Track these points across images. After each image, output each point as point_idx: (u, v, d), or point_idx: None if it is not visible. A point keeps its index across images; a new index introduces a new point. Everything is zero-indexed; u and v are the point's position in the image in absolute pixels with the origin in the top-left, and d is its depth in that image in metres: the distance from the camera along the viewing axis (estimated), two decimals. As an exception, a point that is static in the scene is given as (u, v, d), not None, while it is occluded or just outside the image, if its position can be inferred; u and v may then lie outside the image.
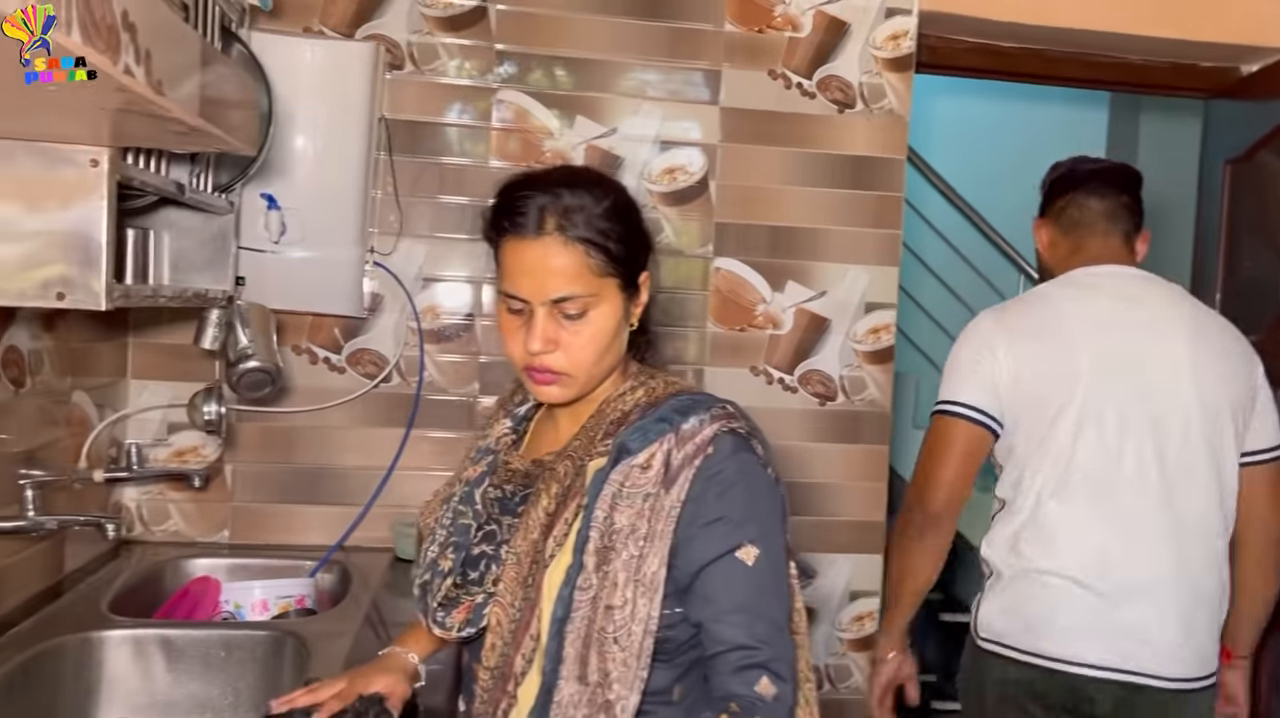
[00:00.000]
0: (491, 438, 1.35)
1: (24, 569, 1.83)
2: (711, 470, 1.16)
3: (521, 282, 1.18)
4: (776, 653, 1.15)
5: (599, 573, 1.13)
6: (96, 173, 1.33)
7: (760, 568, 1.15)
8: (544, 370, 1.20)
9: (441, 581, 1.25)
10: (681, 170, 2.51)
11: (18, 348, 1.77)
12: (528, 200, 1.18)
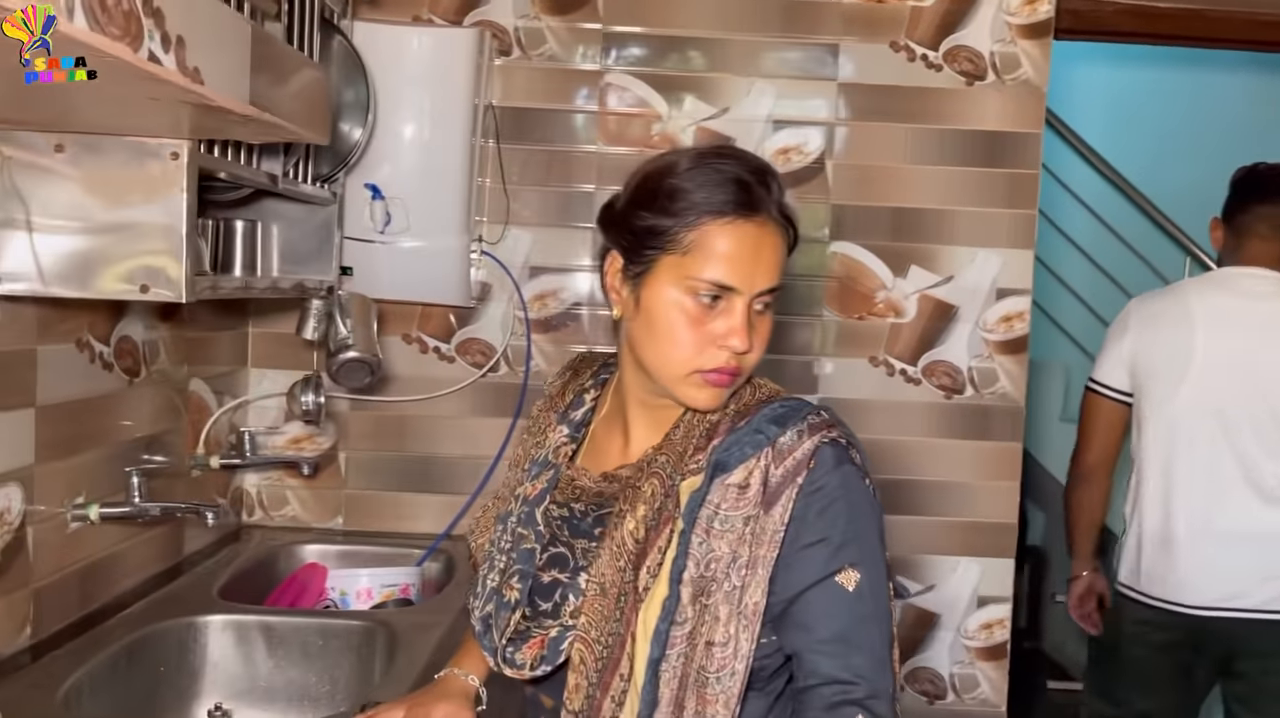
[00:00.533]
0: (548, 448, 1.21)
1: (140, 553, 1.89)
2: (813, 487, 1.05)
3: (735, 268, 1.04)
4: (875, 690, 1.04)
5: (695, 606, 1.03)
6: (176, 165, 1.33)
7: (861, 594, 1.05)
8: (731, 373, 1.07)
9: (509, 614, 1.14)
10: (796, 151, 2.39)
11: (131, 338, 1.82)
12: (757, 174, 1.08)
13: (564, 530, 1.15)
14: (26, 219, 1.35)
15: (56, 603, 1.63)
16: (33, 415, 1.55)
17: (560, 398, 1.27)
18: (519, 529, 1.17)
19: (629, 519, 1.08)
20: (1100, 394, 2.32)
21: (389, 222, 2.11)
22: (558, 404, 1.26)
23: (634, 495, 1.09)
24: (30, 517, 1.56)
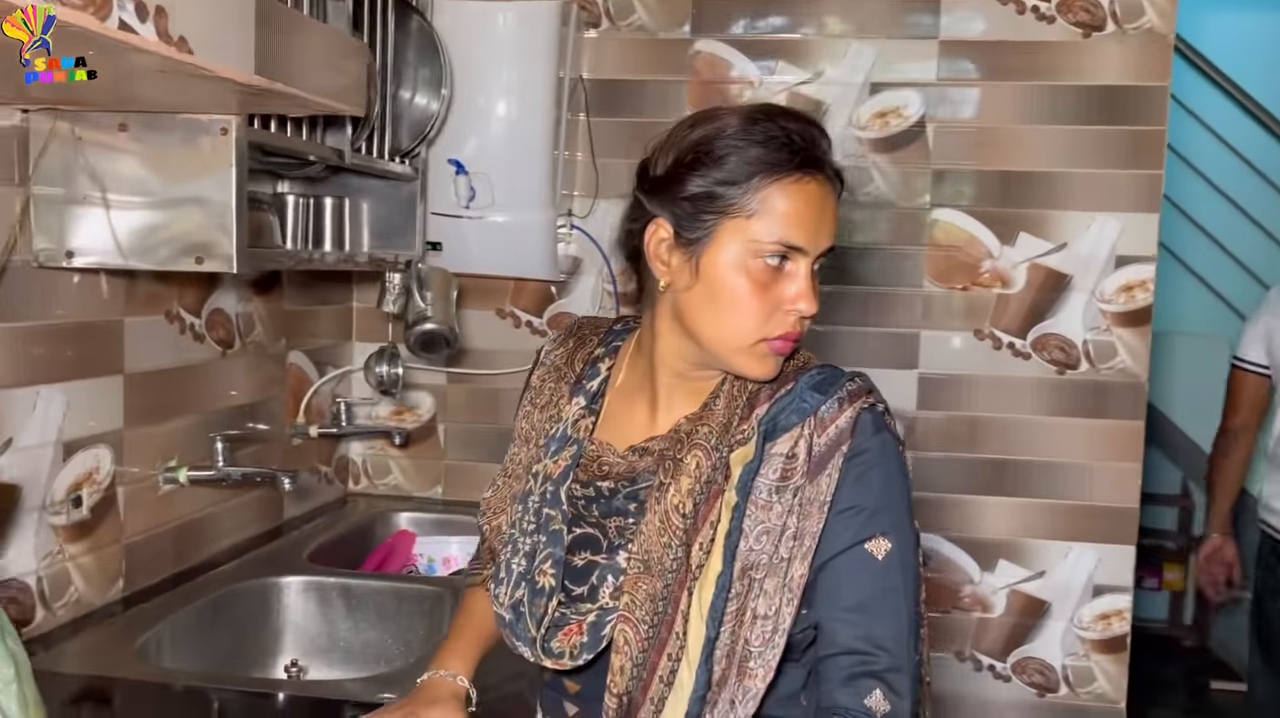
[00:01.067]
0: (565, 422, 1.14)
1: (238, 516, 1.99)
2: (853, 452, 1.01)
3: (799, 227, 1.00)
4: (896, 663, 0.99)
5: (745, 579, 1.00)
6: (225, 140, 1.39)
7: (890, 564, 1.00)
8: (795, 338, 1.03)
9: (545, 601, 1.07)
10: (895, 114, 2.29)
11: (224, 310, 1.92)
12: (811, 132, 1.03)
13: (592, 510, 1.09)
14: (103, 196, 1.43)
15: (148, 559, 1.74)
16: (121, 382, 1.65)
17: (569, 368, 1.20)
18: (546, 510, 1.10)
19: (672, 493, 1.03)
20: (1242, 369, 2.52)
21: (473, 196, 2.14)
22: (567, 375, 1.19)
23: (675, 468, 1.04)
24: (120, 477, 1.66)
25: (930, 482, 2.34)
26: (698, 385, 1.10)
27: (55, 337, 1.50)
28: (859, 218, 2.31)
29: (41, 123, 1.40)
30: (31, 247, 1.43)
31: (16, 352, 1.43)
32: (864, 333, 2.33)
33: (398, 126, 1.95)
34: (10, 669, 1.00)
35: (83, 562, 1.59)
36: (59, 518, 1.53)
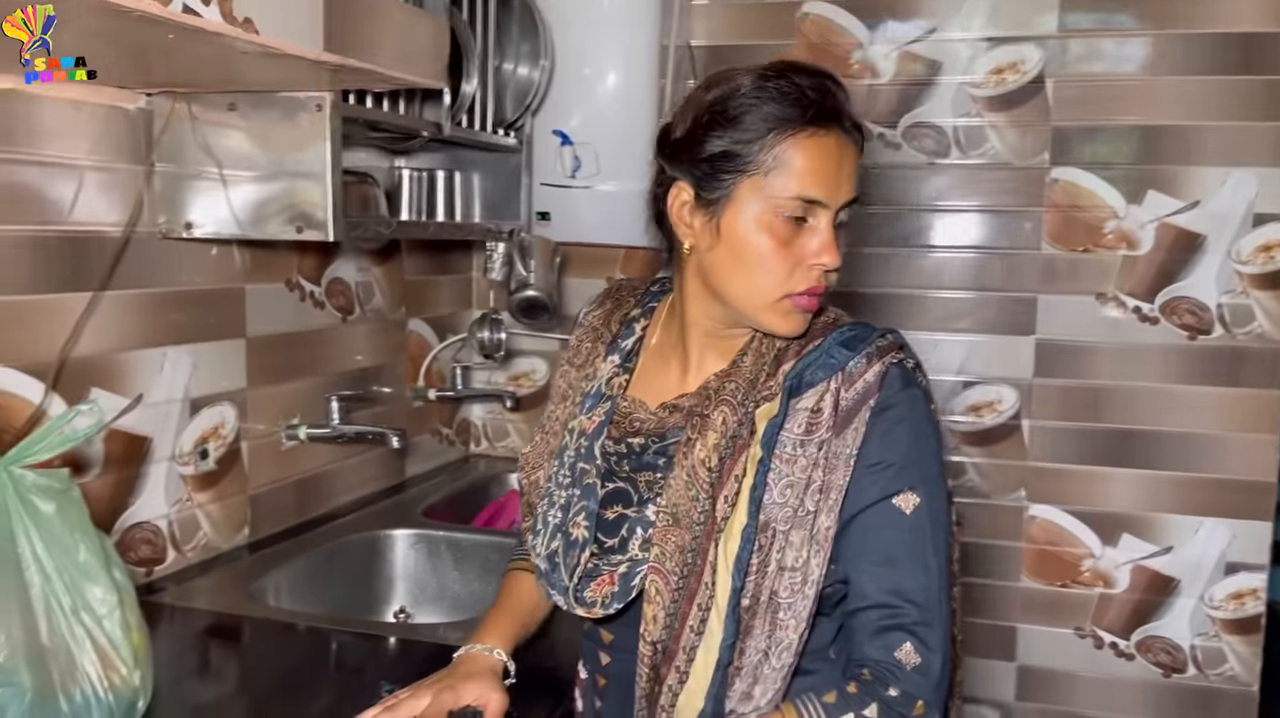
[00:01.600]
0: (600, 380, 1.17)
1: (360, 472, 2.12)
2: (880, 408, 1.02)
3: (821, 181, 1.01)
4: (926, 618, 0.99)
5: (769, 532, 1.01)
6: (320, 116, 1.47)
7: (919, 519, 1.01)
8: (819, 293, 1.04)
9: (579, 552, 1.10)
10: (1012, 69, 2.21)
11: (343, 279, 2.04)
12: (825, 85, 1.03)
13: (623, 465, 1.12)
14: (218, 171, 1.55)
15: (272, 509, 1.88)
16: (243, 345, 1.78)
17: (605, 328, 1.23)
18: (580, 464, 1.13)
19: (699, 448, 1.05)
20: None
21: (579, 166, 2.19)
22: (603, 334, 1.22)
23: (703, 424, 1.06)
24: (245, 433, 1.80)
25: (1047, 451, 2.26)
26: (728, 344, 1.11)
27: (180, 302, 1.64)
28: (972, 179, 2.24)
29: (162, 105, 1.53)
30: (155, 219, 1.56)
31: (144, 316, 1.57)
32: (978, 298, 2.26)
33: (501, 99, 2.02)
34: (114, 597, 1.11)
35: (210, 509, 1.74)
36: (187, 468, 1.68)
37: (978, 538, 2.32)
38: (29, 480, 1.08)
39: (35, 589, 1.05)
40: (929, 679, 0.99)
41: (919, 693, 0.98)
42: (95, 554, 1.10)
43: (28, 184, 1.38)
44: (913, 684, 0.98)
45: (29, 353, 1.38)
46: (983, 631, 2.34)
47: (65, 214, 1.43)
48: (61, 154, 1.42)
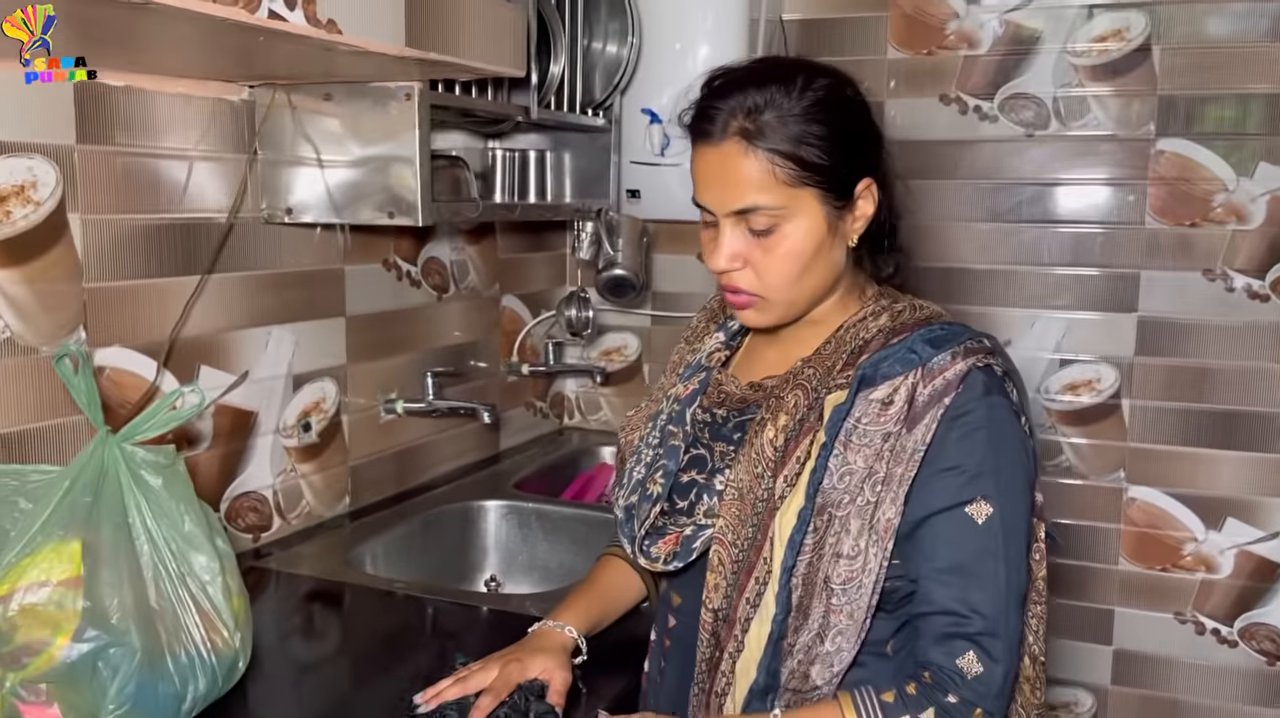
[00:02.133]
0: (703, 353, 1.24)
1: (455, 444, 2.20)
2: (957, 411, 1.02)
3: (705, 192, 1.09)
4: (991, 628, 0.99)
5: (825, 516, 1.03)
6: (410, 105, 1.53)
7: (991, 529, 1.00)
8: (735, 290, 1.10)
9: (650, 507, 1.14)
10: (1116, 37, 2.13)
11: (439, 259, 2.11)
12: (709, 100, 1.08)
13: (705, 433, 1.17)
14: (317, 158, 1.62)
15: (372, 479, 1.97)
16: (343, 324, 1.87)
17: (721, 310, 1.30)
18: (668, 427, 1.18)
19: (769, 428, 1.08)
20: None
21: (667, 144, 2.20)
22: (718, 315, 1.29)
23: (776, 405, 1.10)
24: (345, 407, 1.89)
25: (1148, 432, 2.20)
26: (813, 330, 1.14)
27: (283, 283, 1.72)
28: (1073, 151, 2.17)
29: (263, 96, 1.60)
30: (257, 204, 1.64)
31: (249, 297, 1.66)
32: (1078, 273, 2.20)
33: (590, 79, 2.04)
34: (217, 564, 1.19)
35: (313, 479, 1.83)
36: (291, 441, 1.77)
37: (1075, 519, 2.28)
38: (139, 457, 1.16)
39: (145, 557, 1.14)
40: (989, 689, 0.99)
41: (978, 702, 0.99)
42: (199, 525, 1.18)
43: (144, 174, 1.47)
44: (973, 693, 0.99)
45: (143, 333, 1.48)
46: (1079, 613, 2.30)
47: (177, 202, 1.52)
48: (173, 145, 1.51)
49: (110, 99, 1.41)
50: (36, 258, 1.33)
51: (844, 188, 1.08)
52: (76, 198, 1.37)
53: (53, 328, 1.36)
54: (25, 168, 1.30)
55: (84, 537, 1.10)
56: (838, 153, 1.06)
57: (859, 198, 1.10)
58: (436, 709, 1.13)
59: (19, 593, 1.06)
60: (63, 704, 1.05)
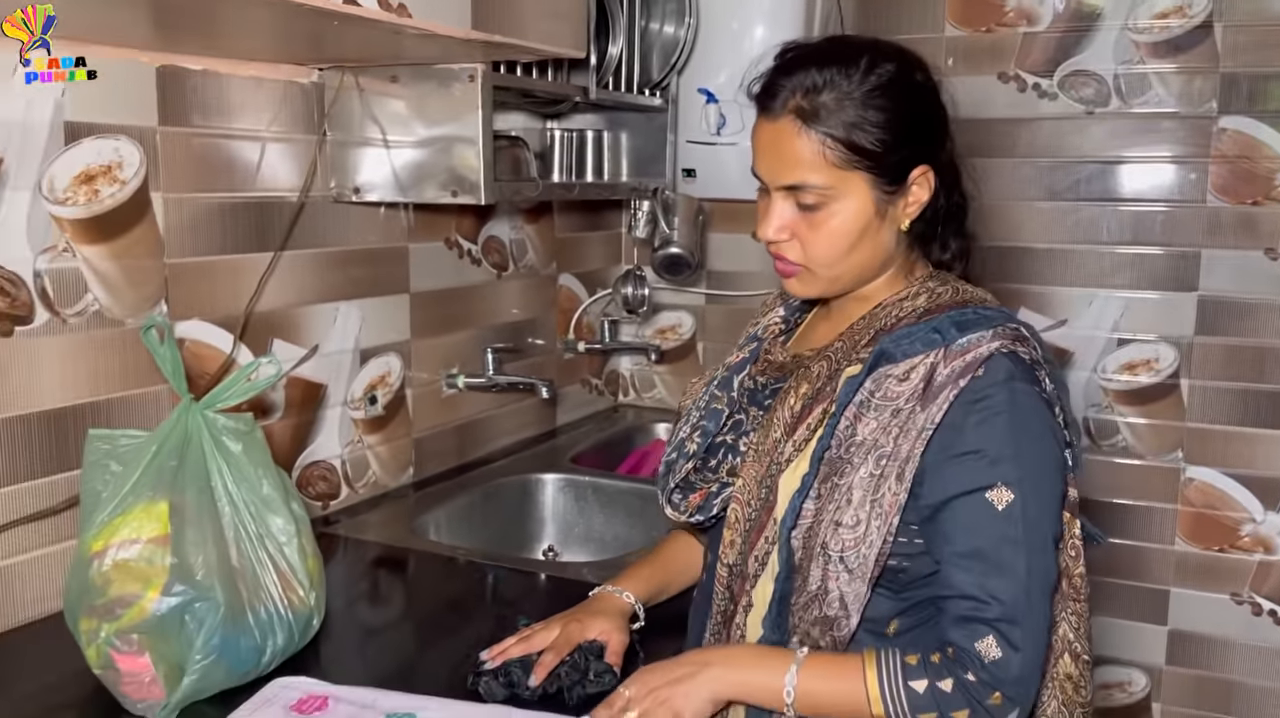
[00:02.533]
0: (760, 326, 1.29)
1: (514, 419, 2.25)
2: (977, 395, 1.01)
3: (760, 163, 1.12)
4: (1011, 615, 0.99)
5: (828, 484, 1.05)
6: (473, 86, 1.57)
7: (1011, 516, 1.00)
8: (781, 259, 1.13)
9: (684, 462, 1.20)
10: (1178, 14, 2.11)
11: (498, 238, 2.15)
12: (774, 75, 1.09)
13: (745, 399, 1.21)
14: (384, 139, 1.67)
15: (434, 451, 2.03)
16: (407, 300, 1.92)
17: None
18: (715, 391, 1.23)
19: (791, 395, 1.11)
20: None
21: (724, 123, 2.22)
22: (785, 295, 1.31)
23: (803, 374, 1.13)
24: (409, 381, 1.95)
25: (1206, 412, 2.18)
26: (861, 307, 1.16)
27: (351, 260, 1.78)
28: (1133, 128, 2.16)
29: (332, 78, 1.65)
30: (326, 184, 1.69)
31: (319, 274, 1.72)
32: (1137, 252, 2.19)
33: (647, 59, 2.07)
34: (293, 527, 1.25)
35: (379, 450, 1.89)
36: (358, 413, 1.83)
37: (1131, 499, 2.27)
38: (220, 423, 1.22)
39: (226, 518, 1.20)
40: (1007, 674, 0.98)
41: (996, 686, 0.98)
42: (276, 489, 1.24)
43: (220, 155, 1.53)
44: (990, 676, 0.98)
45: (220, 308, 1.55)
46: (1134, 593, 2.30)
47: (250, 181, 1.58)
48: (247, 127, 1.57)
49: (188, 82, 1.47)
50: (122, 235, 1.40)
51: (897, 173, 1.09)
52: (159, 177, 1.44)
53: (137, 301, 1.42)
54: (112, 148, 1.37)
55: (170, 498, 1.16)
56: (893, 139, 1.07)
57: (913, 183, 1.10)
58: (501, 666, 1.17)
59: (112, 549, 1.13)
60: (153, 654, 1.11)
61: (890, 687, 0.99)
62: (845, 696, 1.01)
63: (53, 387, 1.34)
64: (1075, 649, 1.09)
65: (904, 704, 0.98)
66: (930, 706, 0.98)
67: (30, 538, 1.33)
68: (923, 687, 0.98)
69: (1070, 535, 1.07)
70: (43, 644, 1.29)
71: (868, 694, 0.99)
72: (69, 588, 1.15)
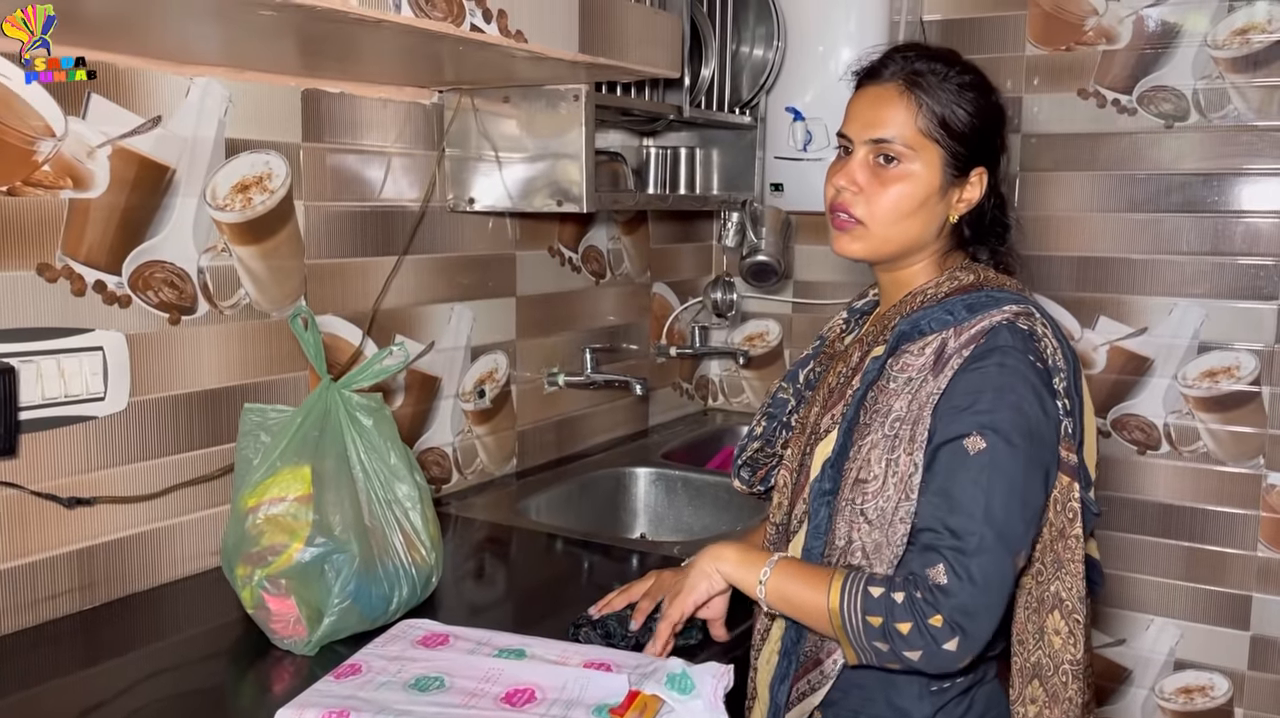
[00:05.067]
0: (826, 327, 1.43)
1: (609, 418, 2.40)
2: (974, 358, 1.13)
3: (852, 123, 1.23)
4: (963, 548, 1.07)
5: (856, 448, 1.17)
6: (578, 105, 1.73)
7: (982, 463, 1.09)
8: (843, 211, 1.22)
9: (750, 443, 1.41)
10: (1258, 29, 2.16)
11: (597, 247, 2.31)
12: (885, 56, 1.24)
13: (804, 387, 1.38)
14: (495, 154, 1.84)
15: (536, 444, 2.18)
16: (514, 303, 2.09)
17: (859, 297, 1.45)
18: (781, 383, 1.41)
19: (830, 375, 1.28)
20: None
21: (810, 140, 2.34)
22: (855, 301, 1.44)
23: (840, 358, 1.29)
24: (514, 378, 2.11)
25: (1288, 419, 2.21)
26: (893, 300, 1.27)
27: (464, 266, 1.95)
28: (1213, 142, 2.21)
29: (450, 99, 1.83)
30: (444, 195, 1.87)
31: (437, 277, 1.89)
32: (1217, 263, 2.24)
33: (737, 80, 2.21)
34: (416, 494, 1.41)
35: (486, 440, 2.06)
36: (468, 405, 2.00)
37: (1213, 505, 2.30)
38: (354, 401, 1.39)
39: (360, 483, 1.36)
40: (951, 601, 1.06)
41: (939, 608, 1.06)
42: (402, 460, 1.40)
43: (351, 168, 1.72)
44: (935, 599, 1.06)
45: (351, 305, 1.73)
46: (1216, 598, 2.33)
47: (377, 192, 1.76)
48: (374, 143, 1.75)
49: (326, 103, 1.66)
50: (270, 237, 1.59)
51: (963, 164, 1.21)
52: (300, 187, 1.63)
53: (280, 297, 1.61)
54: (263, 162, 1.56)
55: (312, 463, 1.33)
56: (970, 132, 1.20)
57: (970, 182, 1.23)
58: (600, 619, 1.31)
59: (264, 506, 1.30)
60: (297, 597, 1.28)
61: (851, 588, 1.10)
62: (811, 587, 1.13)
63: (211, 369, 1.53)
64: (1067, 607, 1.15)
65: (858, 603, 1.09)
66: (879, 609, 1.08)
67: (187, 502, 1.51)
68: (878, 593, 1.08)
69: (1069, 498, 1.15)
70: (199, 595, 1.47)
71: (829, 589, 1.11)
72: (227, 538, 1.33)
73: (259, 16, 1.09)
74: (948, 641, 1.06)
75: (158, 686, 1.22)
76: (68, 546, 1.38)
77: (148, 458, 1.46)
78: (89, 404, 1.38)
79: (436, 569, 1.43)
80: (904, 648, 1.07)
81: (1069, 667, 1.16)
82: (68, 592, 1.38)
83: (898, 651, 1.08)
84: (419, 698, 1.11)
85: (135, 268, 1.42)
